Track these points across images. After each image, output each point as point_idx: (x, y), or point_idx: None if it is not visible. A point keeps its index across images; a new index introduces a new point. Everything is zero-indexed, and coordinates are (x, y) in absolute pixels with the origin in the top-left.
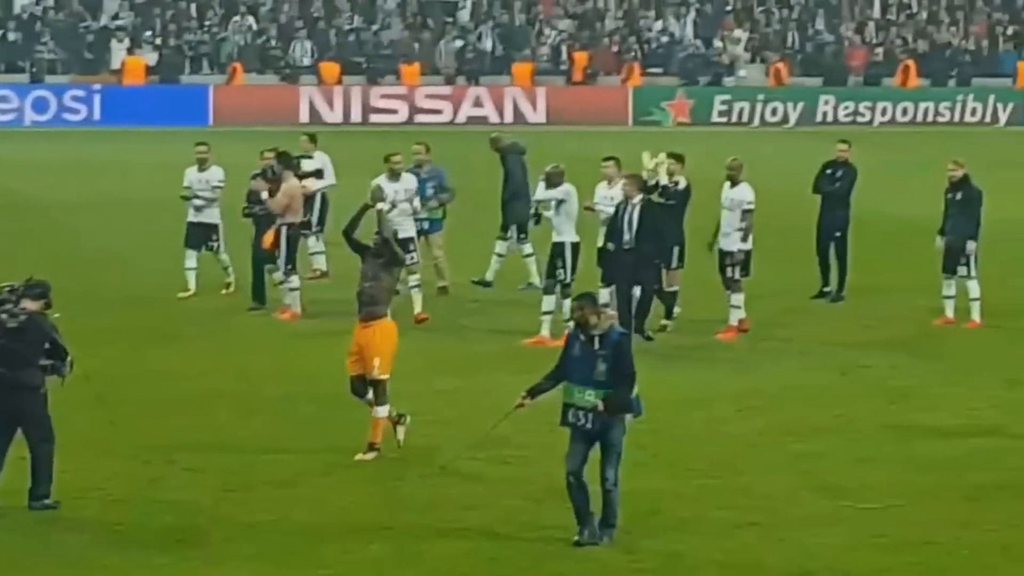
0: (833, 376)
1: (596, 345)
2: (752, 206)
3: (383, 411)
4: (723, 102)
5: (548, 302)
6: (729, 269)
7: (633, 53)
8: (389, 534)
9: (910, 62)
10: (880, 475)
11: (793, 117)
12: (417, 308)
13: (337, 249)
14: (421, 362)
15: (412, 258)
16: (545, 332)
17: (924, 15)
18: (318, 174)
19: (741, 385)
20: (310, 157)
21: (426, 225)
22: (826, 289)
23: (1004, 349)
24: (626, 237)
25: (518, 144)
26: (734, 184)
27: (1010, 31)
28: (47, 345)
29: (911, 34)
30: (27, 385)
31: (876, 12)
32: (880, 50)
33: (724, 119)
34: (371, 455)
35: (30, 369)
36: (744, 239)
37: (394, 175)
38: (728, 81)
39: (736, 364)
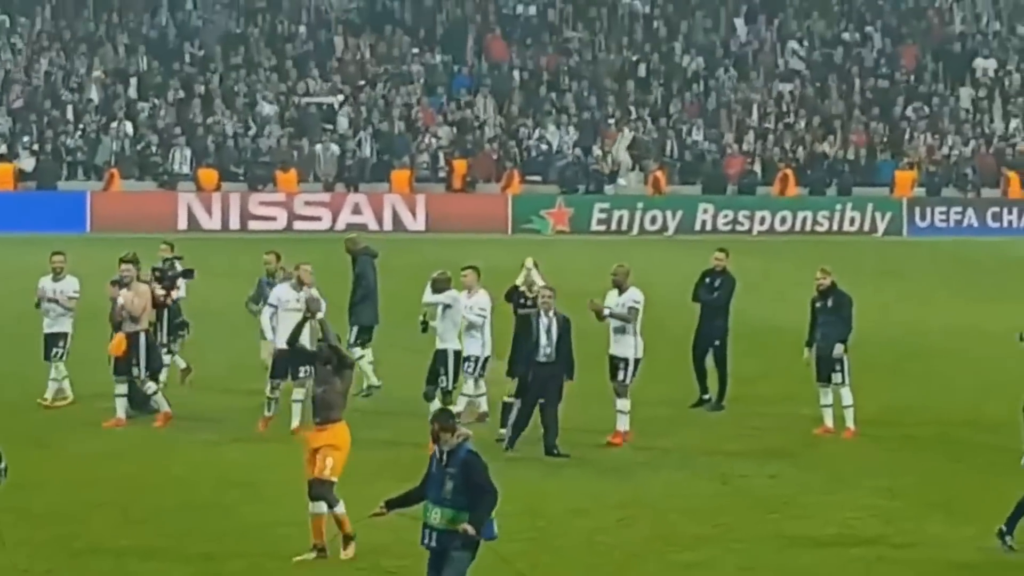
0: (714, 485)
1: (445, 462)
2: (639, 305)
3: (323, 507)
4: (602, 210)
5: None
6: (621, 373)
7: (513, 161)
8: None
9: (788, 171)
10: None
11: (672, 225)
12: (295, 423)
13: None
14: (300, 473)
15: (305, 371)
16: None
17: (802, 124)
18: (187, 274)
19: (622, 494)
20: (180, 258)
21: None
22: (705, 397)
23: (882, 457)
24: (547, 351)
25: (371, 247)
26: (621, 291)
27: (887, 140)
28: None
29: (789, 143)
30: None
31: (754, 120)
32: (758, 158)
33: (603, 227)
34: (313, 555)
35: None
36: (636, 341)
37: (300, 284)
38: (608, 190)
39: (617, 472)
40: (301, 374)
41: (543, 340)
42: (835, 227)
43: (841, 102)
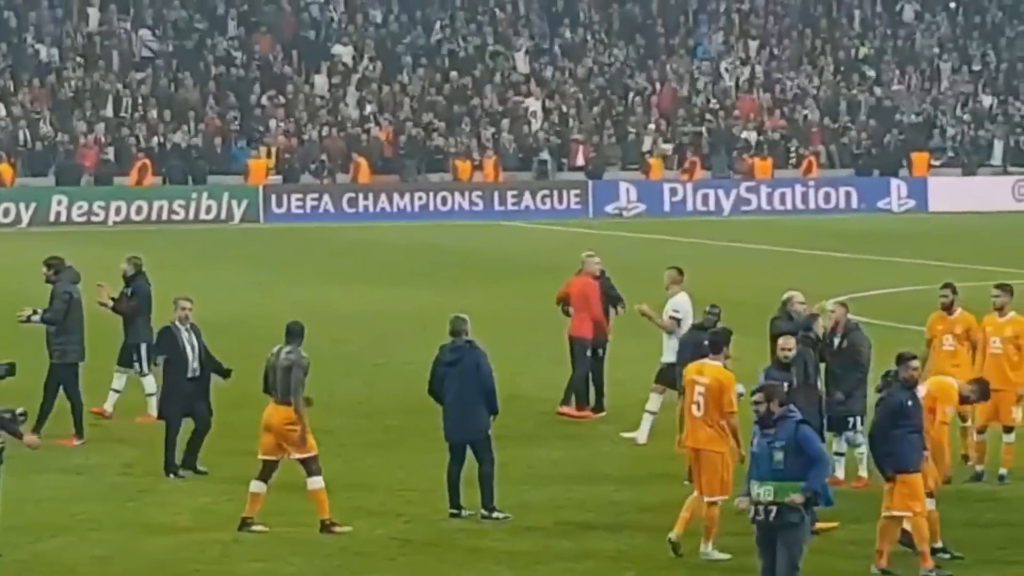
0: (68, 477)
1: None
2: None
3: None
4: None
5: None
6: None
7: None
8: None
9: (147, 161)
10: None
11: (26, 217)
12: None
13: None
14: None
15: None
16: None
17: (155, 113)
18: None
19: None
20: None
21: None
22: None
23: (230, 444)
24: (194, 366)
25: None
26: None
27: (238, 127)
28: None
29: (144, 133)
30: None
31: (109, 111)
32: (113, 148)
33: None
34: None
35: None
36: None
37: None
38: None
39: None
40: None
41: (189, 355)
42: (192, 216)
43: (196, 90)
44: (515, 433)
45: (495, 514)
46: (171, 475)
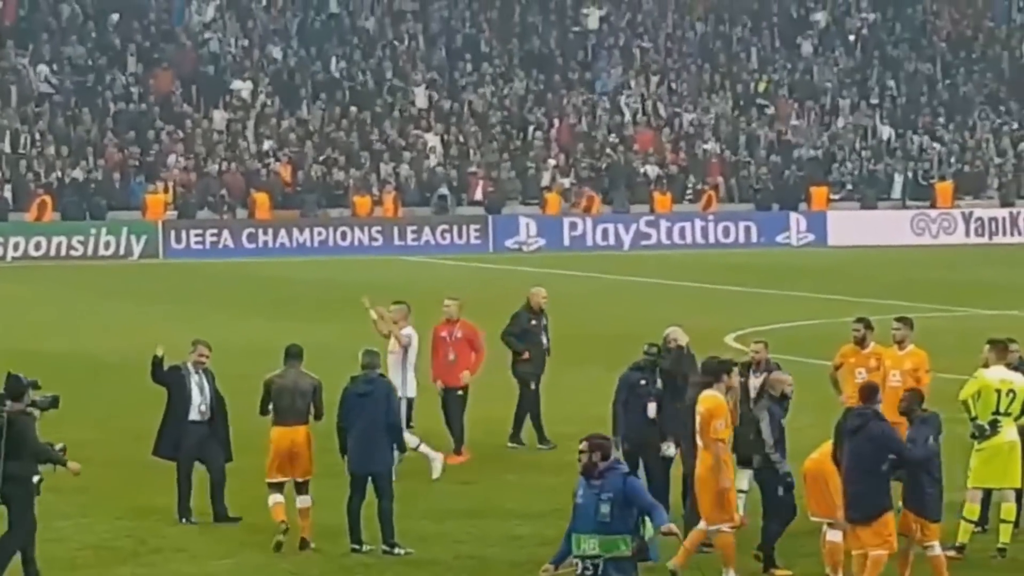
0: None
1: None
2: None
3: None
4: None
5: None
6: None
7: None
8: None
9: (47, 197)
10: None
11: None
12: None
13: None
14: None
15: None
16: None
17: (53, 149)
18: None
19: None
20: None
21: None
22: None
23: (132, 476)
24: (201, 408)
25: None
26: None
27: (137, 162)
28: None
29: (44, 168)
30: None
31: (7, 146)
32: (9, 184)
33: None
34: None
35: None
36: None
37: None
38: None
39: None
40: None
41: (196, 397)
42: (91, 251)
43: (95, 126)
44: (416, 468)
45: (396, 549)
46: (183, 520)
